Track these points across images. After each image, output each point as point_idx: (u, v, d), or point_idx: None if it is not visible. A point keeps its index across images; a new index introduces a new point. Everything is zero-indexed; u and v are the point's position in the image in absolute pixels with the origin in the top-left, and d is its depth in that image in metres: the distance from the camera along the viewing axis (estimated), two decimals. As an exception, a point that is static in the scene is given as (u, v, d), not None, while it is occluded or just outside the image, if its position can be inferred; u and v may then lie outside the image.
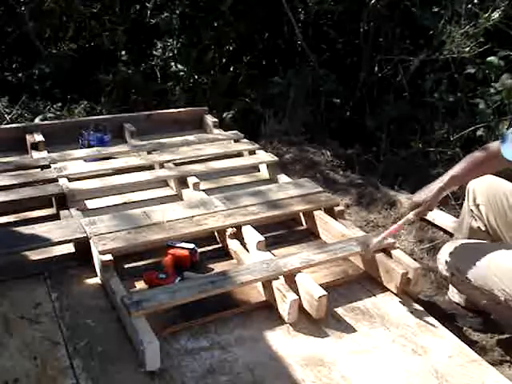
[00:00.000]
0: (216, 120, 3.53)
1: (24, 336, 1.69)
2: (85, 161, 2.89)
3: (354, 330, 1.81)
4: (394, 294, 1.99)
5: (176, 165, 2.84)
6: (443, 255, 1.94)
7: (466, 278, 1.83)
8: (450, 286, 2.12)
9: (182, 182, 2.68)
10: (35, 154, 2.90)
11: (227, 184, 2.82)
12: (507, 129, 1.80)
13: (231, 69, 4.75)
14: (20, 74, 4.58)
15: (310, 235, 2.39)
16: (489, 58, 3.54)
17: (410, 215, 1.88)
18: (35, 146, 2.96)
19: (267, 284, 1.88)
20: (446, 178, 1.85)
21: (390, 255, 2.06)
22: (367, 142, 4.08)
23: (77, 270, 2.04)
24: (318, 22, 4.67)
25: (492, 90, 3.47)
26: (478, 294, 1.84)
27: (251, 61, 4.83)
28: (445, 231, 2.65)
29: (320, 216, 2.36)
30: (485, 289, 1.79)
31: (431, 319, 1.89)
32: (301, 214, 2.45)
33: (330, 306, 1.86)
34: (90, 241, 2.02)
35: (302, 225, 2.47)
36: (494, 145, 1.85)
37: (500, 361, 1.95)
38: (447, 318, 2.03)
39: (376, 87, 4.38)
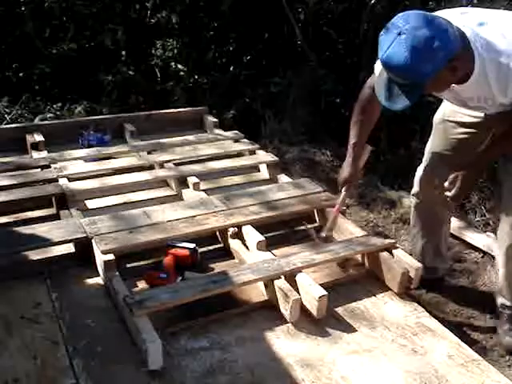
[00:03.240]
0: (216, 120, 3.53)
1: (24, 336, 1.70)
2: (85, 161, 2.89)
3: (354, 330, 1.82)
4: (395, 293, 2.00)
5: (176, 165, 2.84)
6: None
7: None
8: None
9: (182, 182, 2.68)
10: (35, 154, 2.90)
11: (227, 184, 2.82)
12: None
13: (231, 69, 4.75)
14: (20, 74, 4.57)
15: (311, 235, 2.38)
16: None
17: (343, 193, 2.10)
18: (35, 146, 2.96)
19: (269, 283, 1.88)
20: (350, 150, 2.04)
21: (391, 255, 2.06)
22: (367, 142, 4.07)
23: (77, 270, 2.04)
24: (317, 22, 4.67)
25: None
26: None
27: (251, 61, 4.83)
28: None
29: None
30: None
31: (431, 319, 1.89)
32: (315, 211, 2.46)
33: (330, 306, 1.86)
34: (92, 240, 2.02)
35: (304, 224, 2.46)
36: (364, 91, 1.98)
37: (500, 361, 1.95)
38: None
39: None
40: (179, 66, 4.60)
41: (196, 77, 4.63)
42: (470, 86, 1.66)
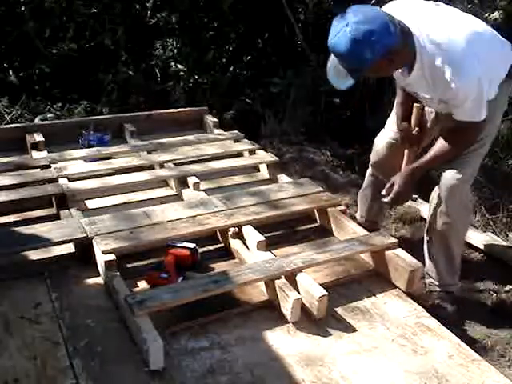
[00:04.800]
0: (216, 120, 3.53)
1: (24, 336, 1.69)
2: (85, 161, 2.89)
3: (354, 330, 1.82)
4: (402, 291, 2.01)
5: (176, 165, 2.84)
6: None
7: None
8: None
9: (182, 181, 2.68)
10: (35, 154, 2.90)
11: (227, 184, 2.82)
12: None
13: (231, 69, 4.75)
14: (20, 74, 4.58)
15: (312, 234, 2.39)
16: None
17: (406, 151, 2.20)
18: (35, 146, 2.96)
19: (270, 283, 1.88)
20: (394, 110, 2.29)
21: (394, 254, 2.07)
22: (367, 142, 4.07)
23: (77, 270, 2.04)
24: (317, 22, 4.67)
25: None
26: None
27: (251, 61, 4.83)
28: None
29: (333, 213, 2.38)
30: None
31: (431, 319, 1.89)
32: (315, 211, 2.47)
33: (331, 305, 1.86)
34: (93, 241, 2.02)
35: (305, 224, 2.47)
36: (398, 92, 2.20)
37: (500, 361, 1.95)
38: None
39: (376, 87, 4.38)
40: (179, 66, 4.60)
41: (196, 77, 4.63)
42: (414, 79, 1.92)
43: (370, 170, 2.49)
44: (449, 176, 2.05)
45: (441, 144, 2.00)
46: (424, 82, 1.90)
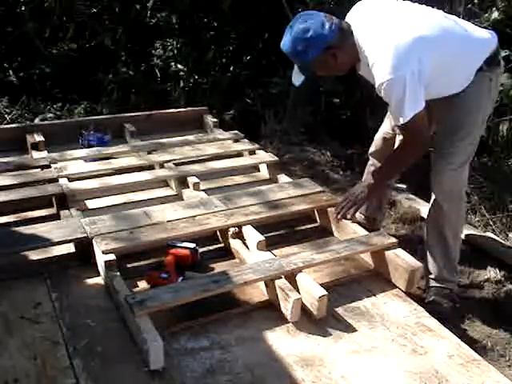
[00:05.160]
0: (216, 120, 3.53)
1: (24, 336, 1.70)
2: (85, 161, 2.89)
3: (354, 330, 1.82)
4: (402, 291, 2.01)
5: (176, 165, 2.84)
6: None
7: None
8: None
9: (182, 181, 2.68)
10: (35, 154, 2.90)
11: (227, 184, 2.82)
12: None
13: (231, 69, 4.75)
14: (20, 74, 4.58)
15: (312, 235, 2.39)
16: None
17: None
18: (35, 146, 2.96)
19: (270, 283, 1.88)
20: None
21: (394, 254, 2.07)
22: (367, 141, 4.08)
23: (77, 270, 2.04)
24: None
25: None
26: None
27: (251, 61, 4.83)
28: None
29: (333, 213, 2.36)
30: None
31: (431, 319, 1.89)
32: (315, 211, 2.47)
33: (331, 305, 1.86)
34: (93, 241, 2.02)
35: (305, 224, 2.47)
36: None
37: (500, 361, 1.95)
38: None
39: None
40: (179, 66, 4.60)
41: (196, 77, 4.63)
42: (363, 74, 2.09)
43: (370, 161, 2.54)
44: (437, 165, 2.11)
45: (393, 152, 2.18)
46: (367, 78, 2.05)
